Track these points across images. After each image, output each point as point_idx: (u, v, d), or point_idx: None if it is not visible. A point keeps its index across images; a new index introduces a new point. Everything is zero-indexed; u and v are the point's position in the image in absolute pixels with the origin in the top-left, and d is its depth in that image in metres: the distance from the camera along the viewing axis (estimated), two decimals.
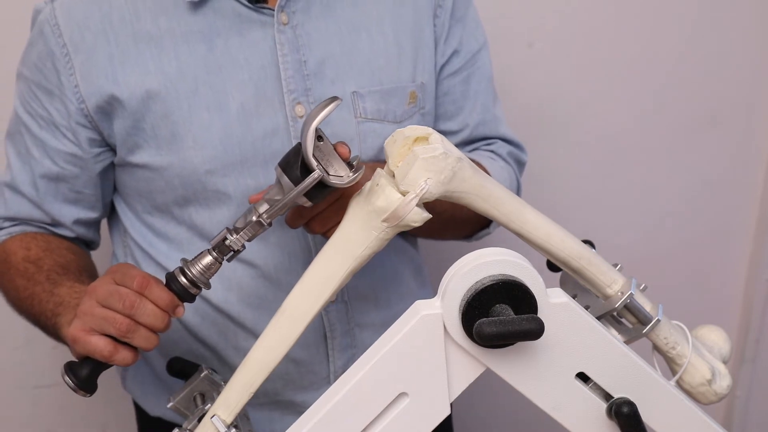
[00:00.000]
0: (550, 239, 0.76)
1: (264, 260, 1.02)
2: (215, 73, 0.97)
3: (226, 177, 0.98)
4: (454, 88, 1.12)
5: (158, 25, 0.96)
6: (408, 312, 0.69)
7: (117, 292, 0.81)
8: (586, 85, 1.63)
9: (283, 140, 0.99)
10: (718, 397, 0.80)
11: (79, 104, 0.97)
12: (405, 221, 0.72)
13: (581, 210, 1.70)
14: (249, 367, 0.76)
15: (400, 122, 1.04)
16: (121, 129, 0.98)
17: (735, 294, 1.91)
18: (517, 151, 1.19)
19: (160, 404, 1.14)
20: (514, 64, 1.57)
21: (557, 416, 0.71)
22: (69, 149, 1.00)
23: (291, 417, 1.09)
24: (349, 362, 1.09)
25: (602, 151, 1.69)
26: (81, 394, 0.84)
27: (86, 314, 0.82)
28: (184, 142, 0.97)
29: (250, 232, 0.81)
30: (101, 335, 0.82)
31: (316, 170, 0.76)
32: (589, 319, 0.69)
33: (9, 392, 1.56)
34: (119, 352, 0.82)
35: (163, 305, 0.82)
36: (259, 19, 0.98)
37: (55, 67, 0.97)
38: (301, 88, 0.99)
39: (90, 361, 0.84)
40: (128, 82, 0.96)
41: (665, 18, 1.63)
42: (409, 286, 1.16)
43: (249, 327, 1.05)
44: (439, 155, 0.70)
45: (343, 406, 0.68)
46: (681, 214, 1.79)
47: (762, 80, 1.72)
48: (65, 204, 1.04)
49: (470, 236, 1.18)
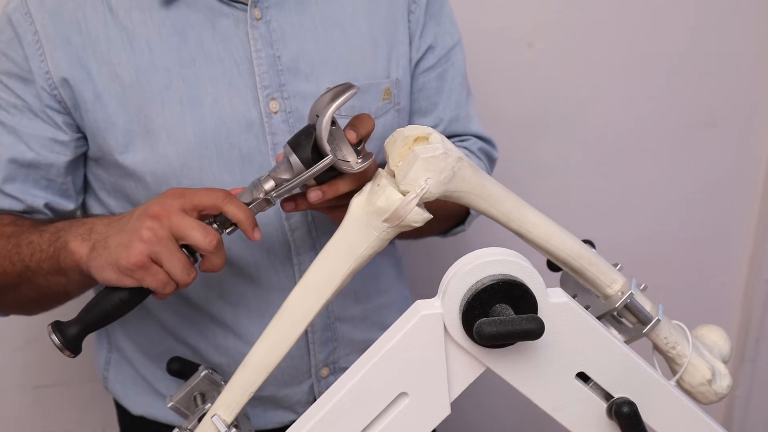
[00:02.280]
0: (550, 239, 0.76)
1: (243, 258, 1.02)
2: (188, 67, 0.96)
3: (203, 172, 0.97)
4: (429, 84, 1.12)
5: (131, 17, 0.96)
6: (408, 312, 0.69)
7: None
8: (586, 85, 1.63)
9: (258, 135, 0.98)
10: (718, 397, 0.80)
11: (51, 90, 0.95)
12: (406, 221, 0.72)
13: (581, 210, 1.70)
14: (249, 367, 0.76)
15: (375, 119, 1.04)
16: (92, 121, 0.96)
17: (735, 294, 1.91)
18: (489, 147, 1.20)
19: (141, 403, 1.14)
20: (514, 64, 1.57)
21: (557, 416, 0.71)
22: (49, 134, 0.97)
23: (274, 412, 1.11)
24: (330, 356, 1.09)
25: (602, 151, 1.69)
26: (66, 354, 0.82)
27: (152, 242, 0.78)
28: (158, 137, 0.96)
29: (256, 209, 0.81)
30: (158, 266, 0.79)
31: (330, 155, 0.77)
32: (590, 319, 0.69)
33: (9, 392, 1.56)
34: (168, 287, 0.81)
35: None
36: (232, 13, 0.98)
37: (25, 53, 0.95)
38: (275, 83, 0.99)
39: (114, 296, 0.81)
40: (100, 73, 0.95)
41: (665, 18, 1.63)
42: (388, 279, 1.17)
43: (229, 325, 1.05)
44: (439, 155, 0.70)
45: (343, 406, 0.68)
46: (681, 214, 1.79)
47: (762, 80, 1.72)
48: (35, 188, 1.00)
49: (445, 233, 1.19)
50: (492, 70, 1.54)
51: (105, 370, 1.18)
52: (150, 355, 1.11)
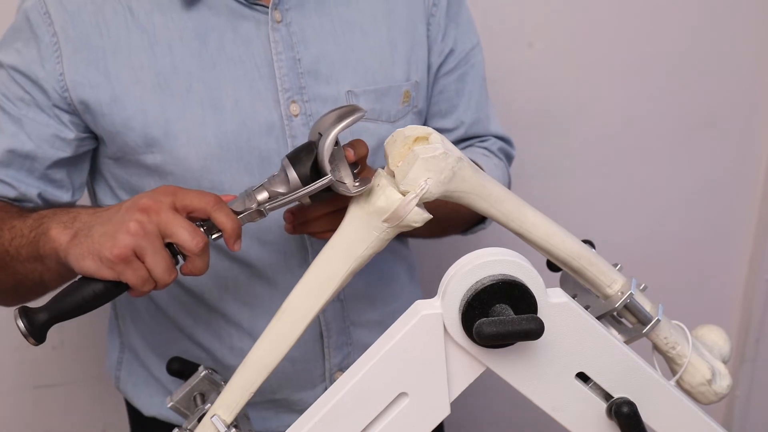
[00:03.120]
0: (550, 239, 0.76)
1: (260, 260, 1.02)
2: (209, 70, 0.96)
3: (223, 174, 0.97)
4: (449, 86, 1.12)
5: (152, 20, 0.96)
6: (408, 312, 0.69)
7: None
8: (586, 85, 1.63)
9: (278, 138, 0.98)
10: (718, 397, 0.80)
11: (62, 92, 0.95)
12: (406, 221, 0.72)
13: (581, 210, 1.70)
14: (249, 367, 0.76)
15: (394, 122, 1.04)
16: (109, 124, 0.96)
17: (735, 294, 1.91)
18: (507, 146, 1.21)
19: (154, 404, 1.13)
20: (514, 64, 1.57)
21: (557, 416, 0.70)
22: (53, 130, 0.97)
23: (285, 416, 1.11)
24: (345, 360, 1.09)
25: (602, 151, 1.69)
26: (30, 342, 0.78)
27: (138, 235, 0.75)
28: (178, 140, 0.96)
29: (246, 219, 0.80)
30: (140, 262, 0.76)
31: (330, 175, 0.75)
32: (589, 319, 0.69)
33: (9, 392, 1.56)
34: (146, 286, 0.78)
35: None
36: (253, 16, 0.98)
37: (40, 54, 0.95)
38: (295, 86, 0.99)
39: (85, 288, 0.77)
40: (120, 76, 0.95)
41: (665, 18, 1.63)
42: (403, 284, 1.17)
43: (245, 327, 1.05)
44: (439, 155, 0.70)
45: (343, 406, 0.68)
46: (681, 214, 1.79)
47: (762, 80, 1.72)
48: (29, 177, 0.98)
49: (466, 231, 1.19)
50: (492, 70, 1.53)
51: (117, 370, 1.18)
52: (164, 356, 1.10)
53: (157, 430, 1.13)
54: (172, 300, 1.06)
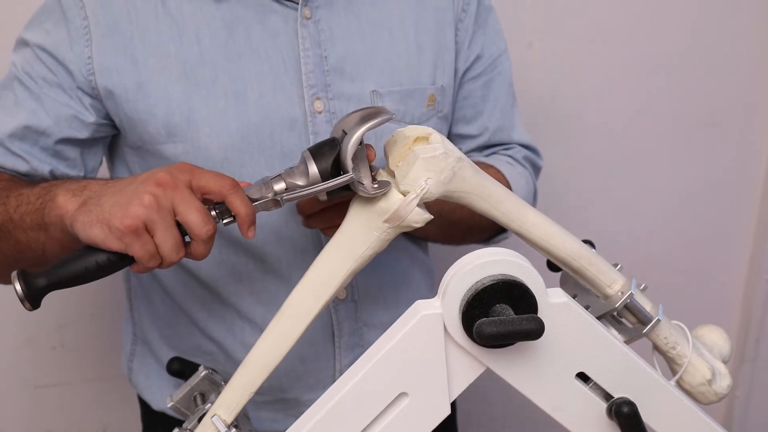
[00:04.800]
0: (550, 239, 0.76)
1: (275, 256, 1.02)
2: (235, 61, 0.96)
3: (243, 167, 0.97)
4: (474, 92, 1.12)
5: (182, 10, 0.96)
6: (408, 312, 0.69)
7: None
8: (586, 85, 1.63)
9: (300, 134, 0.98)
10: (718, 397, 0.80)
11: (88, 75, 0.95)
12: (406, 222, 0.72)
13: (581, 210, 1.70)
14: (250, 367, 0.76)
15: (417, 124, 1.04)
16: (132, 111, 0.96)
17: (735, 294, 1.91)
18: (533, 155, 1.20)
19: (164, 399, 1.14)
20: (514, 64, 1.56)
21: (557, 416, 0.71)
22: (73, 111, 0.97)
23: (294, 418, 1.10)
24: (355, 361, 1.09)
25: (602, 151, 1.69)
26: (26, 306, 0.75)
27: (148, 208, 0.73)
28: (201, 130, 0.96)
29: (262, 207, 0.78)
30: (149, 236, 0.74)
31: (351, 173, 0.74)
32: (589, 319, 0.69)
33: (9, 392, 1.56)
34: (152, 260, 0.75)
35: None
36: (282, 11, 0.98)
37: (69, 36, 0.95)
38: (321, 83, 0.99)
39: (90, 258, 0.75)
40: (147, 63, 0.95)
41: (665, 18, 1.63)
42: (419, 288, 1.16)
43: (258, 323, 1.05)
44: (439, 155, 0.70)
45: (343, 405, 0.68)
46: (681, 213, 1.79)
47: (762, 80, 1.72)
48: (43, 154, 0.98)
49: (487, 240, 1.17)
50: None
51: (129, 361, 1.18)
52: (177, 348, 1.10)
53: (167, 425, 1.13)
54: (188, 293, 1.07)
